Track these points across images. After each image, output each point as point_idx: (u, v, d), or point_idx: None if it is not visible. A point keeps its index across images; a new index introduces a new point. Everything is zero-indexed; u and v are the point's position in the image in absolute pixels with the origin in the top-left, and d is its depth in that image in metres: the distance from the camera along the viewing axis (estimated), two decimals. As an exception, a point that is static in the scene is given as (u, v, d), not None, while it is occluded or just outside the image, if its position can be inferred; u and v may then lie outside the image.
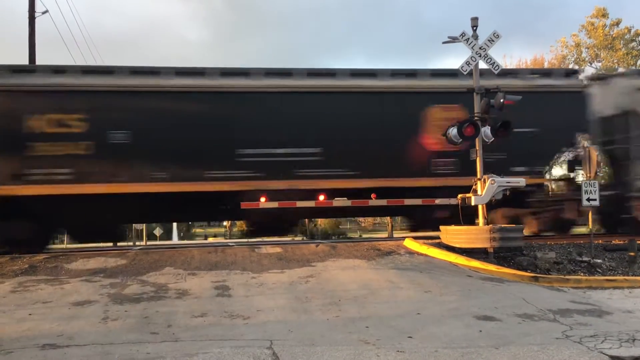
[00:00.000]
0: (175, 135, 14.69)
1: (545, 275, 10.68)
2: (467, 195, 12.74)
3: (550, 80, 16.46)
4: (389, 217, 37.59)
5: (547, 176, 16.28)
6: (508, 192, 12.78)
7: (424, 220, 16.52)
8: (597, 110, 16.31)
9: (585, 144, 16.40)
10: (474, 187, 12.75)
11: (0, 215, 13.98)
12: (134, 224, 38.85)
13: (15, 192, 13.92)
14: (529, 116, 15.30)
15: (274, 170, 15.02)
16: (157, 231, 50.51)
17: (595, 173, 13.08)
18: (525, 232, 15.69)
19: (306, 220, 33.86)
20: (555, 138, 15.92)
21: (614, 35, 36.62)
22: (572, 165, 16.72)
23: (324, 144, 15.32)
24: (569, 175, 17.57)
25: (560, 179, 17.88)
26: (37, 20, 21.15)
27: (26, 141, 14.17)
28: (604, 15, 37.06)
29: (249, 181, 14.91)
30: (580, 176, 16.56)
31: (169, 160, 14.70)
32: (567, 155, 17.06)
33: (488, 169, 13.55)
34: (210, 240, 52.22)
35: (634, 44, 36.86)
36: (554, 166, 17.76)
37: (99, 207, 14.55)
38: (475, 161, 12.81)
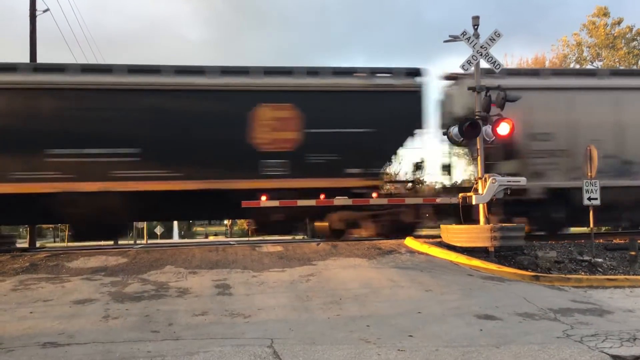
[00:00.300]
0: None
1: (546, 275, 10.67)
2: (468, 194, 12.74)
3: (389, 79, 15.91)
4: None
5: (385, 178, 15.93)
6: (509, 191, 12.76)
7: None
8: (451, 111, 16.07)
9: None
10: (475, 186, 12.75)
11: None
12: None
13: None
14: (365, 116, 15.23)
15: (86, 171, 14.44)
16: (158, 229, 50.57)
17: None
18: (364, 234, 15.76)
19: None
20: (393, 138, 15.64)
21: (615, 35, 36.58)
22: (414, 166, 16.79)
23: (142, 144, 14.75)
24: (409, 176, 17.41)
25: (397, 181, 17.53)
26: (38, 19, 21.21)
27: None
28: (605, 14, 37.02)
29: (57, 183, 14.32)
30: (423, 178, 16.60)
31: None
32: (405, 156, 16.95)
33: (318, 170, 14.18)
34: (211, 238, 52.29)
35: (635, 43, 36.83)
36: (392, 168, 17.37)
37: None
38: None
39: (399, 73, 16.02)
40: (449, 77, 16.34)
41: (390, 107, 15.45)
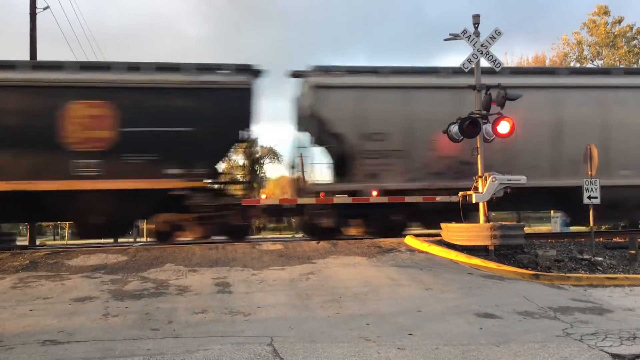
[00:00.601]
0: None
1: (545, 273, 10.67)
2: (468, 192, 12.74)
3: (217, 76, 15.26)
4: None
5: (210, 179, 15.19)
6: (509, 189, 12.75)
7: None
8: (304, 108, 15.83)
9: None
10: (475, 184, 12.74)
11: None
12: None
13: None
14: (188, 114, 14.73)
15: None
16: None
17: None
18: (189, 237, 15.32)
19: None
20: (218, 138, 14.96)
21: (615, 33, 36.59)
22: (240, 166, 16.26)
23: None
24: (235, 177, 16.85)
25: (223, 182, 16.70)
26: (38, 17, 21.18)
27: None
28: (606, 13, 37.03)
29: None
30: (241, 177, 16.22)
31: None
32: (231, 157, 16.25)
33: (134, 171, 13.99)
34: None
35: (635, 41, 36.84)
36: (218, 168, 16.47)
37: None
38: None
39: (229, 70, 15.37)
40: (295, 75, 15.93)
41: (216, 105, 14.94)
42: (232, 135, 15.30)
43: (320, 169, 18.20)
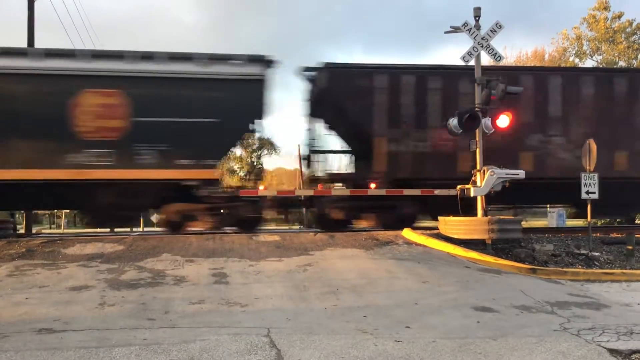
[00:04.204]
0: None
1: (543, 268, 10.68)
2: (467, 186, 12.73)
3: (230, 67, 15.08)
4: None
5: (223, 169, 15.27)
6: (507, 184, 12.74)
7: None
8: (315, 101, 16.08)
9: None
10: (473, 178, 12.72)
11: None
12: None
13: None
14: (201, 104, 14.65)
15: None
16: (155, 217, 50.36)
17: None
18: (200, 228, 15.25)
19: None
20: (231, 128, 14.98)
21: (615, 29, 36.53)
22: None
23: None
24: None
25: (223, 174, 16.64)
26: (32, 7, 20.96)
27: None
28: (606, 8, 36.96)
29: None
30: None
31: None
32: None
33: (146, 161, 13.90)
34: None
35: (635, 37, 36.79)
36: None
37: None
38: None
39: (242, 60, 15.15)
40: (307, 69, 16.07)
41: (228, 96, 14.82)
42: (244, 126, 15.39)
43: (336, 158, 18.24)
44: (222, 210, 15.06)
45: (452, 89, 15.74)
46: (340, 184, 16.79)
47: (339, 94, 15.64)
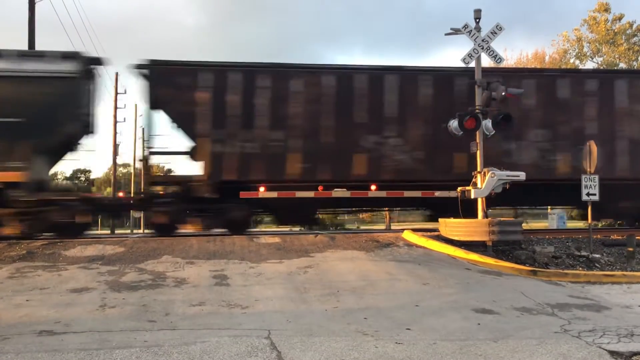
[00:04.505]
0: None
1: (543, 270, 10.68)
2: (467, 188, 12.73)
3: (41, 64, 14.11)
4: (386, 209, 37.55)
5: (31, 172, 13.97)
6: (507, 185, 12.75)
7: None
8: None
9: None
10: (473, 180, 12.73)
11: None
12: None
13: None
14: (8, 104, 13.82)
15: None
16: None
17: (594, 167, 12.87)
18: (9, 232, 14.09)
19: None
20: (42, 128, 13.87)
21: (615, 30, 36.56)
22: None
23: None
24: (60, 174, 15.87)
25: (39, 177, 15.07)
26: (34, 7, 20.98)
27: None
28: (607, 10, 36.99)
29: None
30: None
31: None
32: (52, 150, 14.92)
33: None
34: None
35: (635, 39, 36.82)
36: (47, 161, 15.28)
37: None
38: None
39: (56, 57, 14.24)
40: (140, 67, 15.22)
41: (38, 94, 13.93)
42: (58, 126, 14.29)
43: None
44: (34, 215, 14.04)
45: (283, 88, 15.12)
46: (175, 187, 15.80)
47: (165, 93, 14.94)
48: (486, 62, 15.40)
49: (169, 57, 15.17)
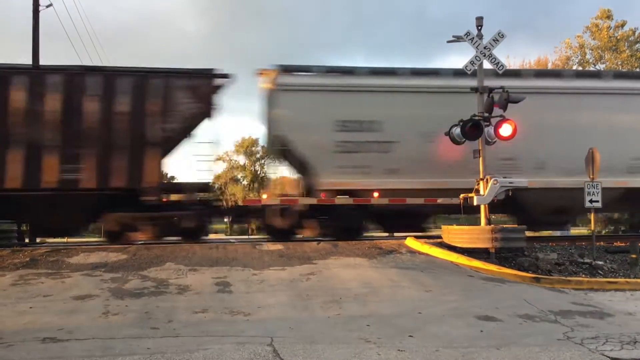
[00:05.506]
0: None
1: (546, 277, 10.66)
2: (470, 195, 12.72)
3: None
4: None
5: None
6: (510, 192, 12.75)
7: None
8: None
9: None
10: (476, 187, 12.73)
11: None
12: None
13: None
14: None
15: None
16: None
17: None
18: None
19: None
20: None
21: (618, 37, 36.54)
22: None
23: None
24: None
25: None
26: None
27: None
28: (609, 16, 36.97)
29: None
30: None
31: None
32: None
33: None
34: (212, 236, 51.93)
35: (638, 45, 36.79)
36: None
37: None
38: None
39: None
40: None
41: None
42: None
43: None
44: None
45: None
46: None
47: None
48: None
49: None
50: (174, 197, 15.21)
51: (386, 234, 18.47)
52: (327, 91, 15.60)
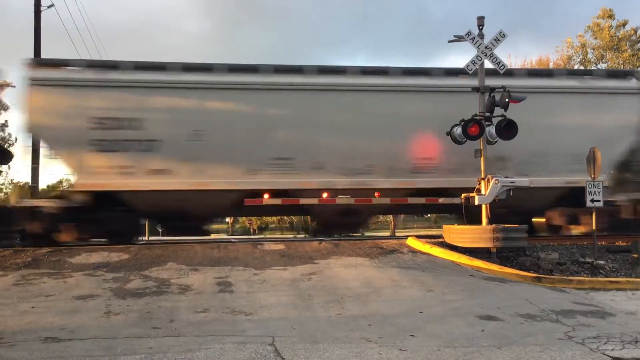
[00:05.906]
0: None
1: (548, 276, 10.65)
2: (471, 194, 12.73)
3: None
4: (391, 216, 37.57)
5: None
6: (511, 192, 12.74)
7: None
8: None
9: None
10: (477, 186, 12.73)
11: None
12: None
13: None
14: None
15: None
16: (160, 226, 50.25)
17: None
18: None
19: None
20: None
21: (620, 37, 36.50)
22: None
23: None
24: None
25: None
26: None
27: None
28: (610, 16, 36.94)
29: None
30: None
31: None
32: None
33: None
34: (213, 236, 52.05)
35: (639, 45, 36.74)
36: None
37: None
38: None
39: None
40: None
41: None
42: None
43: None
44: None
45: None
46: None
47: None
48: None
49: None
50: None
51: (387, 234, 18.37)
52: (84, 87, 14.34)
